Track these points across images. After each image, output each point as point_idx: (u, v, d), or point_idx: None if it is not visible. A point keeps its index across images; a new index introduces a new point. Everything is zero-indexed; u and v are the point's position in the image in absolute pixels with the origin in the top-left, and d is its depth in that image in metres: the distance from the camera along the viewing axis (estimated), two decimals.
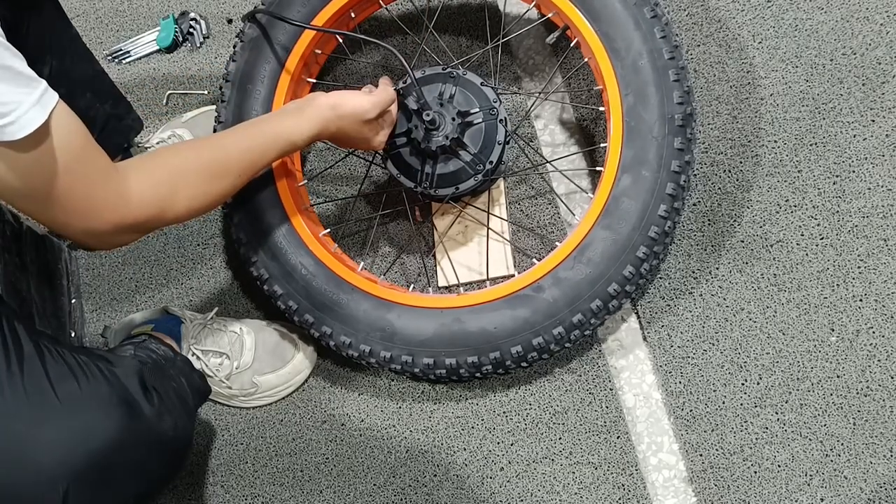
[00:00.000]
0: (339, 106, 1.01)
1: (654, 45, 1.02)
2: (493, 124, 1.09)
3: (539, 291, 1.03)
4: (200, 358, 1.21)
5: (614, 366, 1.13)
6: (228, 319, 1.27)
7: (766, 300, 1.09)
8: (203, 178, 0.93)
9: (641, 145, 1.01)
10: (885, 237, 1.06)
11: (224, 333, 1.23)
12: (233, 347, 1.23)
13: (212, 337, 1.22)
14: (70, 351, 0.86)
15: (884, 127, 1.08)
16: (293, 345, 1.25)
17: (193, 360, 1.21)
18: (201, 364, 1.21)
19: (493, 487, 1.14)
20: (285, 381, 1.25)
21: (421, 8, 1.34)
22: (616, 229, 1.00)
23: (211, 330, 1.23)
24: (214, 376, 1.22)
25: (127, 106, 1.31)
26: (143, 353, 1.07)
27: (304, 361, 1.25)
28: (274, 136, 0.98)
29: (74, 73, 1.18)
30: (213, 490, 1.27)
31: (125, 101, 1.31)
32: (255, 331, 1.25)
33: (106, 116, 1.24)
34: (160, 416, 0.90)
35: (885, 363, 1.03)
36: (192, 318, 1.24)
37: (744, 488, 1.04)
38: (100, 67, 1.25)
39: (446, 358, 1.07)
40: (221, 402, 1.28)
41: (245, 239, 1.16)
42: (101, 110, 1.23)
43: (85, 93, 1.20)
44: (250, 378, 1.23)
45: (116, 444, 0.82)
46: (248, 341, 1.23)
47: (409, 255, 1.27)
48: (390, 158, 1.13)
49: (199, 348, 1.21)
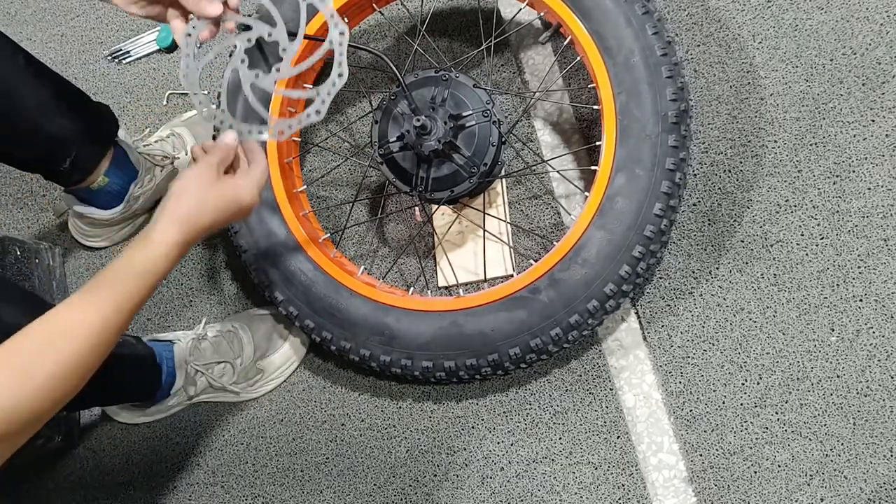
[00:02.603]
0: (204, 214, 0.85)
1: (646, 42, 1.01)
2: (486, 126, 1.09)
3: (535, 293, 1.03)
4: (204, 373, 1.22)
5: (614, 366, 1.13)
6: (216, 323, 1.28)
7: (766, 300, 1.09)
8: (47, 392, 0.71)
9: (635, 144, 1.00)
10: (885, 237, 1.05)
11: (220, 339, 1.24)
12: (232, 348, 1.23)
13: (210, 348, 1.23)
14: None
15: (884, 127, 1.08)
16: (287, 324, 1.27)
17: (197, 377, 1.22)
18: (206, 378, 1.23)
19: (493, 487, 1.14)
20: (288, 358, 1.27)
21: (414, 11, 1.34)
22: (611, 229, 1.00)
23: (206, 341, 1.24)
24: (215, 384, 1.23)
25: (100, 110, 1.27)
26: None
27: (301, 335, 1.27)
28: (121, 291, 0.77)
29: (28, 105, 1.14)
30: (213, 490, 1.27)
31: (98, 107, 1.27)
32: (247, 323, 1.26)
33: (79, 132, 1.21)
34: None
35: (885, 363, 1.02)
36: (183, 337, 1.24)
37: (744, 488, 1.04)
38: (66, 87, 1.21)
39: (445, 361, 1.07)
40: (231, 402, 1.29)
41: (245, 246, 1.17)
42: (72, 127, 1.20)
43: (51, 116, 1.17)
44: (254, 365, 1.24)
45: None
46: (244, 336, 1.24)
47: (409, 256, 1.27)
48: (386, 163, 1.13)
49: (199, 364, 1.22)
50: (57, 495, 1.36)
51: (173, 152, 1.38)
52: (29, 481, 1.38)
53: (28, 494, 1.37)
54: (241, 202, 0.87)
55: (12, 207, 1.56)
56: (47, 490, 1.36)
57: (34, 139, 1.17)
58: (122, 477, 1.33)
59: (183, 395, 1.25)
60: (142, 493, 1.31)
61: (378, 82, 1.35)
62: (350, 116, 1.36)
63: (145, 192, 1.36)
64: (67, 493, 1.35)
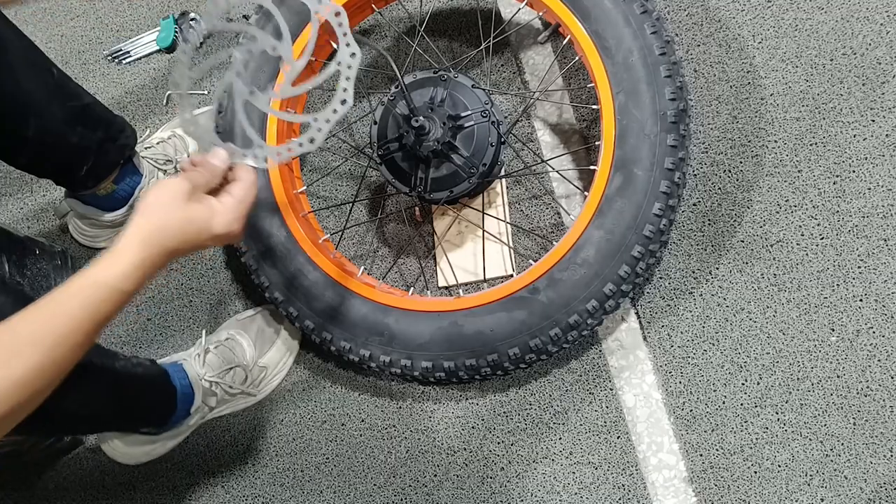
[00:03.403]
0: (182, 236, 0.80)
1: (645, 41, 1.01)
2: (485, 126, 1.09)
3: (535, 293, 1.03)
4: (220, 383, 1.22)
5: (614, 366, 1.13)
6: (212, 335, 1.28)
7: (766, 300, 1.08)
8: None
9: (634, 143, 1.00)
10: (885, 237, 1.05)
11: (222, 348, 1.24)
12: (236, 353, 1.24)
13: (216, 359, 1.23)
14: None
15: (884, 127, 1.08)
16: (275, 318, 1.28)
17: (214, 388, 1.22)
18: (221, 389, 1.22)
19: (493, 487, 1.14)
20: (284, 351, 1.27)
21: (413, 11, 1.34)
22: (610, 229, 1.00)
23: (211, 353, 1.24)
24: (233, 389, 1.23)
25: (121, 124, 1.29)
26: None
27: (289, 326, 1.28)
28: (78, 308, 0.73)
29: (57, 117, 1.16)
30: (213, 490, 1.27)
31: (118, 120, 1.28)
32: (241, 327, 1.27)
33: (99, 142, 1.23)
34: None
35: (885, 363, 1.02)
36: (188, 357, 1.23)
37: (744, 488, 1.04)
38: (90, 99, 1.22)
39: (444, 361, 1.07)
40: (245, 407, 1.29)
41: (245, 247, 1.17)
42: (94, 138, 1.22)
43: (75, 127, 1.18)
44: (256, 365, 1.25)
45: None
46: (243, 340, 1.25)
47: (409, 257, 1.27)
48: (385, 164, 1.13)
49: (212, 377, 1.21)
50: (58, 495, 1.36)
51: (175, 155, 1.38)
52: (31, 481, 1.38)
53: (29, 494, 1.37)
54: (211, 231, 0.82)
55: (13, 208, 1.56)
56: (48, 490, 1.36)
57: (58, 151, 1.19)
58: (122, 477, 1.33)
59: (205, 409, 1.24)
60: (142, 493, 1.31)
61: (378, 83, 1.35)
62: (350, 116, 1.37)
63: None
64: (68, 492, 1.35)
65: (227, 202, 0.84)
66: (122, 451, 1.26)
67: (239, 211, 0.84)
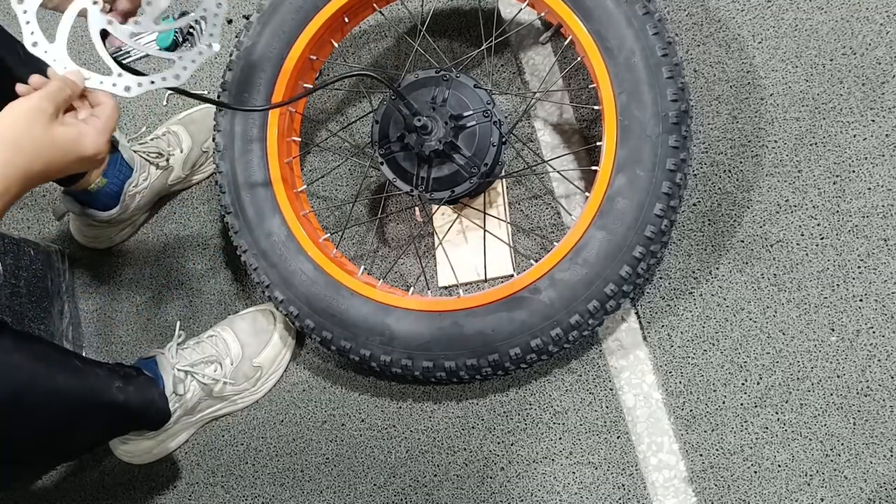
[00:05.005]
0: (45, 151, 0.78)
1: (647, 42, 1.01)
2: (487, 126, 1.09)
3: (536, 293, 1.03)
4: (195, 374, 1.20)
5: (614, 366, 1.13)
6: (197, 337, 1.27)
7: (766, 300, 1.09)
8: None
9: (636, 144, 1.00)
10: (885, 237, 1.05)
11: (202, 343, 1.24)
12: (217, 349, 1.23)
13: (193, 351, 1.23)
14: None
15: (884, 127, 1.08)
16: (270, 316, 1.27)
17: (188, 379, 1.20)
18: (196, 381, 1.21)
19: (493, 487, 1.14)
20: (281, 347, 1.27)
21: (415, 11, 1.34)
22: (612, 229, 1.00)
23: (189, 348, 1.23)
24: (217, 383, 1.22)
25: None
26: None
27: (285, 323, 1.27)
28: None
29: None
30: (213, 490, 1.27)
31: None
32: (228, 325, 1.26)
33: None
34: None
35: (885, 363, 1.02)
36: (163, 349, 1.23)
37: (744, 488, 1.04)
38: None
39: (445, 361, 1.07)
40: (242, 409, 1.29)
41: (245, 246, 1.17)
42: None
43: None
44: (249, 364, 1.24)
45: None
46: (227, 336, 1.25)
47: (409, 256, 1.27)
48: (386, 163, 1.13)
49: (185, 367, 1.20)
50: (58, 495, 1.35)
51: (168, 149, 1.38)
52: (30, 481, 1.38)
53: (29, 494, 1.37)
54: (80, 153, 0.79)
55: (12, 208, 1.55)
56: (48, 490, 1.36)
57: None
58: (122, 477, 1.33)
59: (178, 401, 1.20)
60: (142, 493, 1.31)
61: (378, 83, 1.35)
62: (350, 116, 1.37)
63: (141, 191, 1.36)
64: (68, 492, 1.35)
65: (95, 124, 0.82)
66: (122, 450, 1.27)
67: (109, 127, 0.83)
